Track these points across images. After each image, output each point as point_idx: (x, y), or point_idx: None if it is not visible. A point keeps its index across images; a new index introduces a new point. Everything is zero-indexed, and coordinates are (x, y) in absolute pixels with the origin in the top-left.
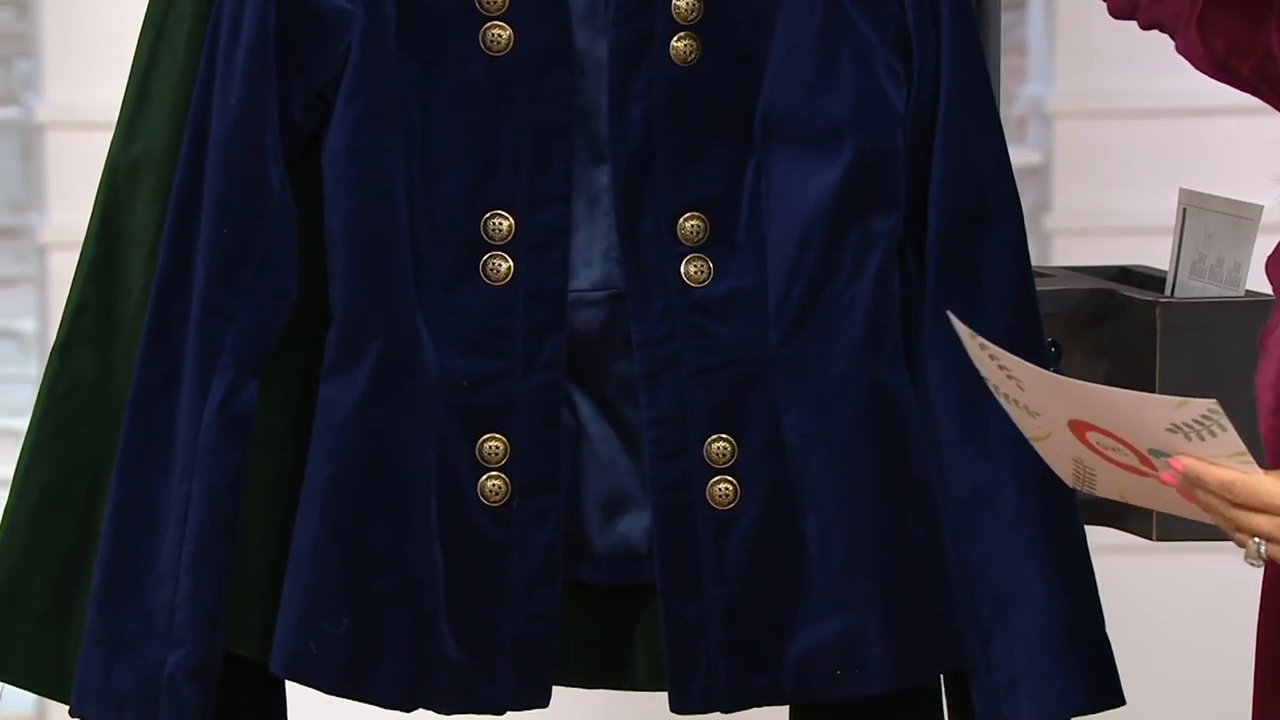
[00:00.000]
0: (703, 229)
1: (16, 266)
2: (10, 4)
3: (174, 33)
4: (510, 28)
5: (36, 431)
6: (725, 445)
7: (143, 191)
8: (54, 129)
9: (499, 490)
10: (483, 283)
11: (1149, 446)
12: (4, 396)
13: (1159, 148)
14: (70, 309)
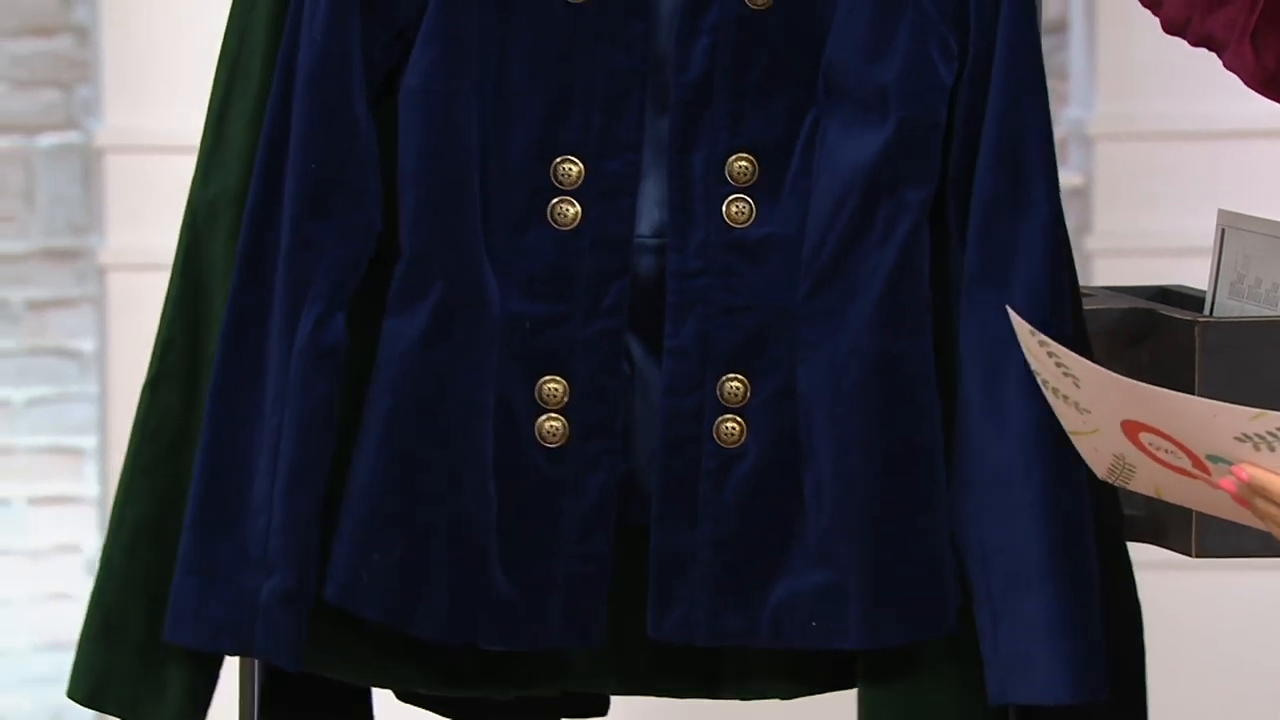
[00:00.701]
0: (751, 171)
1: (77, 287)
2: (71, 31)
3: (248, 72)
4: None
5: (130, 468)
6: (738, 385)
7: (220, 229)
8: (113, 153)
9: (556, 431)
10: (550, 227)
11: (1208, 452)
12: (65, 414)
13: (1198, 170)
14: (159, 346)
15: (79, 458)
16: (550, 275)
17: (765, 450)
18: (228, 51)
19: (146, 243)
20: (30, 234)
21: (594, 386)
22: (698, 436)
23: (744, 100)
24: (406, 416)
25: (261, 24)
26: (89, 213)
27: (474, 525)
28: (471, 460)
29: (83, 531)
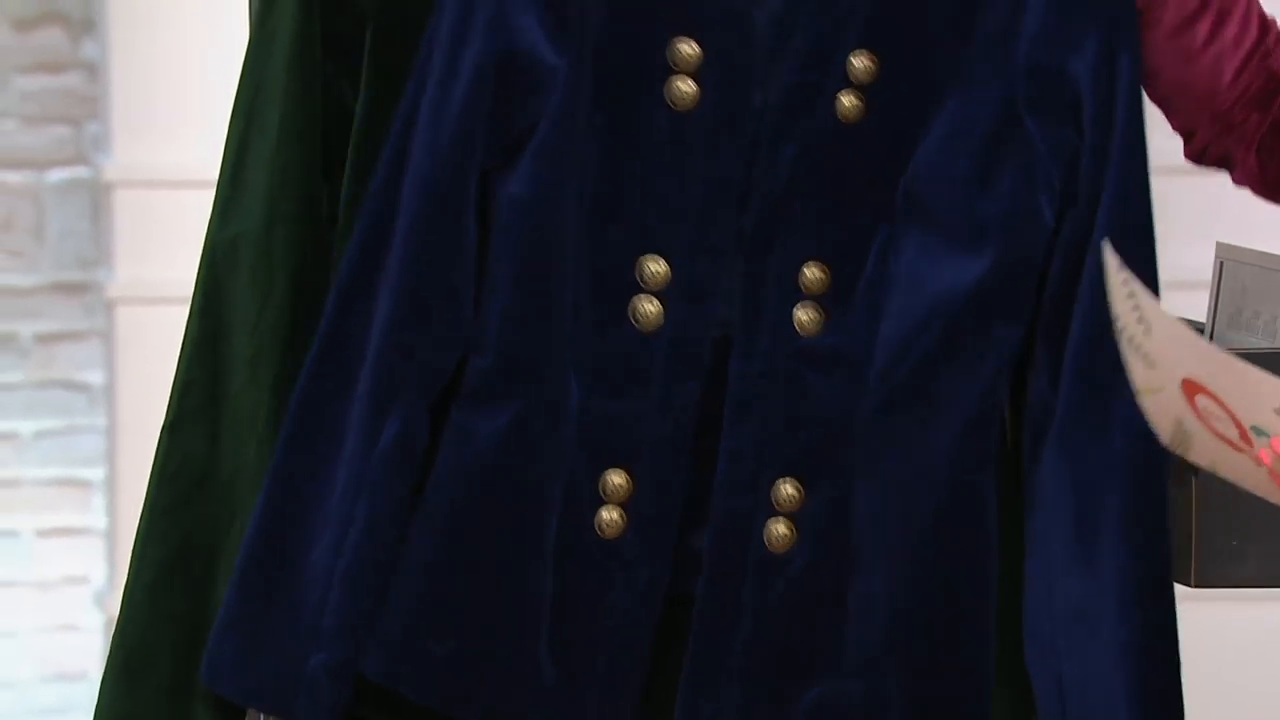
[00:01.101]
0: (824, 280)
1: (85, 320)
2: (80, 67)
3: (265, 115)
4: (697, 84)
5: (150, 509)
6: (794, 491)
7: (242, 270)
8: (122, 187)
9: (614, 524)
10: (631, 325)
11: (1252, 423)
12: (74, 446)
13: (1196, 204)
14: (177, 388)
15: (87, 490)
16: (627, 373)
17: (813, 557)
18: (244, 95)
19: (154, 277)
20: (40, 268)
21: (656, 481)
22: (747, 538)
23: (823, 210)
24: (473, 508)
25: (279, 68)
26: (97, 247)
27: (530, 615)
28: (534, 553)
29: (90, 563)
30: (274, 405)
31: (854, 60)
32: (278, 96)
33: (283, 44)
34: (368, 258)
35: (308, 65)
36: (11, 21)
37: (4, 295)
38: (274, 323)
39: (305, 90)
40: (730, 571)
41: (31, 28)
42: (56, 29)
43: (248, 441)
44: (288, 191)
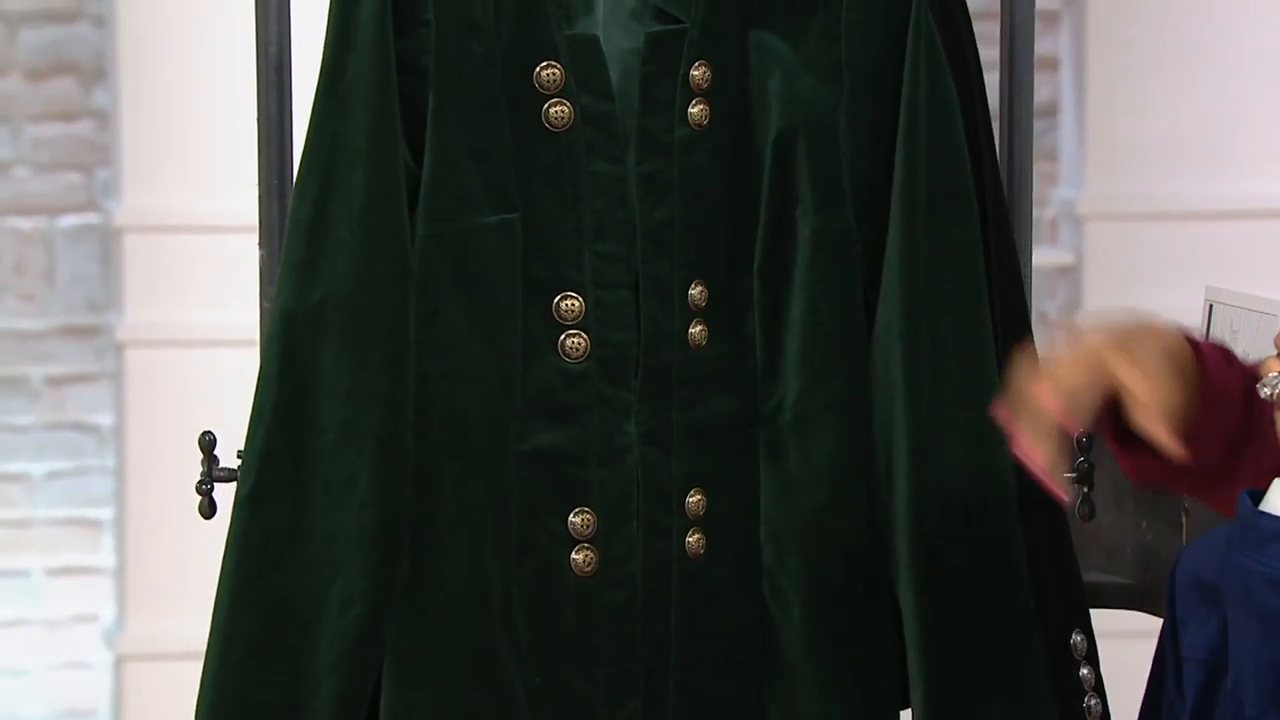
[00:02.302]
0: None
1: (96, 363)
2: (91, 115)
3: (346, 180)
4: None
5: (236, 579)
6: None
7: (330, 333)
8: (131, 233)
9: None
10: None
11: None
12: (83, 487)
13: (1185, 248)
14: (253, 456)
15: (96, 529)
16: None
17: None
18: (317, 161)
19: (163, 320)
20: (50, 312)
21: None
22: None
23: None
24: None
25: (360, 131)
26: (107, 291)
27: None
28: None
29: (100, 602)
30: (372, 467)
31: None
32: (361, 160)
33: (363, 109)
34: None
35: (390, 125)
36: (24, 71)
37: (15, 338)
38: (372, 386)
39: (389, 152)
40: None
41: (44, 77)
42: (68, 78)
43: (346, 506)
44: (380, 253)
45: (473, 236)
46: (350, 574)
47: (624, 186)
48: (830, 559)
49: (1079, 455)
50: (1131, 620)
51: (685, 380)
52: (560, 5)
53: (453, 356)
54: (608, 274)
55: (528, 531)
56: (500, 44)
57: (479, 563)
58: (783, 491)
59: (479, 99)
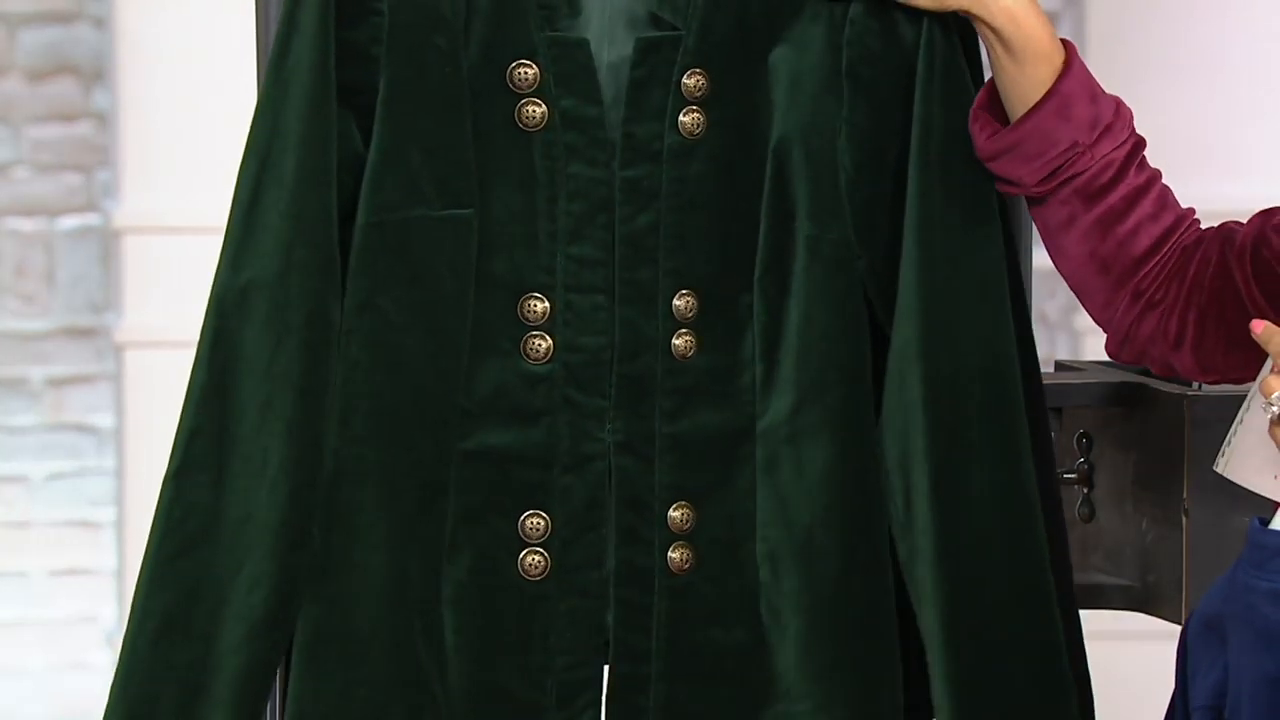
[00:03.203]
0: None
1: (95, 364)
2: (91, 117)
3: (280, 164)
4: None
5: (155, 557)
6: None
7: (254, 315)
8: (131, 234)
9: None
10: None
11: None
12: (83, 488)
13: None
14: (182, 435)
15: (97, 531)
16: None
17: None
18: (257, 141)
19: (163, 321)
20: (51, 313)
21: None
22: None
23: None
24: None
25: (296, 115)
26: (107, 292)
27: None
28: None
29: (100, 603)
30: (285, 451)
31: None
32: (294, 144)
33: (299, 91)
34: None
35: (325, 113)
36: (25, 72)
37: (16, 340)
38: (286, 369)
39: (323, 138)
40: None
41: (44, 78)
42: (68, 79)
43: (257, 488)
44: (304, 238)
45: (416, 228)
46: (258, 556)
47: (606, 191)
48: (825, 577)
49: (1079, 456)
50: (1132, 621)
51: (669, 390)
52: (543, 6)
53: (384, 348)
54: (582, 278)
55: (464, 530)
56: (472, 41)
57: (398, 555)
58: (778, 508)
59: (437, 93)
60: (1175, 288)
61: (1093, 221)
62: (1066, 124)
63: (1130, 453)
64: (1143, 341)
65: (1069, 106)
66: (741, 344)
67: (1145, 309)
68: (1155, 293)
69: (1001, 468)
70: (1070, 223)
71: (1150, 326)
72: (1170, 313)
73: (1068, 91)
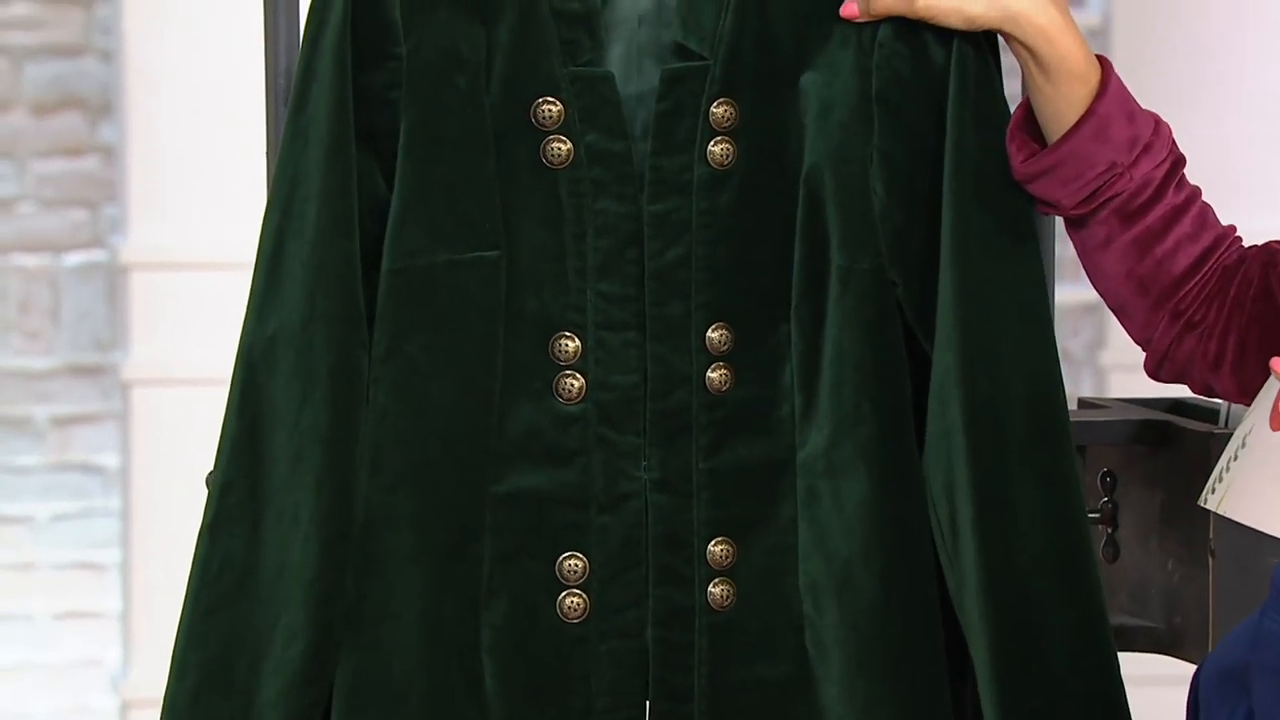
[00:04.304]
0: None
1: (101, 403)
2: (98, 151)
3: (301, 212)
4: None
5: (192, 612)
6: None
7: (280, 366)
8: (138, 269)
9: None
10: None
11: None
12: (88, 530)
13: None
14: (216, 488)
15: (102, 573)
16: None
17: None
18: (279, 190)
19: (170, 358)
20: (56, 350)
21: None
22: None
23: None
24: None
25: (316, 162)
26: (114, 329)
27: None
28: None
29: (106, 646)
30: (315, 504)
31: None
32: (315, 193)
33: (318, 140)
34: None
35: (345, 160)
36: (30, 106)
37: (20, 378)
38: (314, 421)
39: (343, 185)
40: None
41: (50, 112)
42: (75, 113)
43: (290, 541)
44: (327, 288)
45: (441, 272)
46: (294, 609)
47: (634, 226)
48: (864, 610)
49: (1103, 495)
50: (1158, 665)
51: (706, 425)
52: (566, 40)
53: (412, 395)
54: (612, 315)
55: (501, 574)
56: (494, 79)
57: (435, 602)
58: (817, 540)
59: (459, 134)
60: (1215, 309)
61: (1130, 241)
62: (1105, 145)
63: (1155, 492)
64: (1182, 362)
65: (1107, 128)
66: (779, 375)
67: (1184, 329)
68: (1195, 313)
69: (1049, 494)
70: (1108, 242)
71: (1189, 347)
72: (1210, 334)
73: (1105, 113)
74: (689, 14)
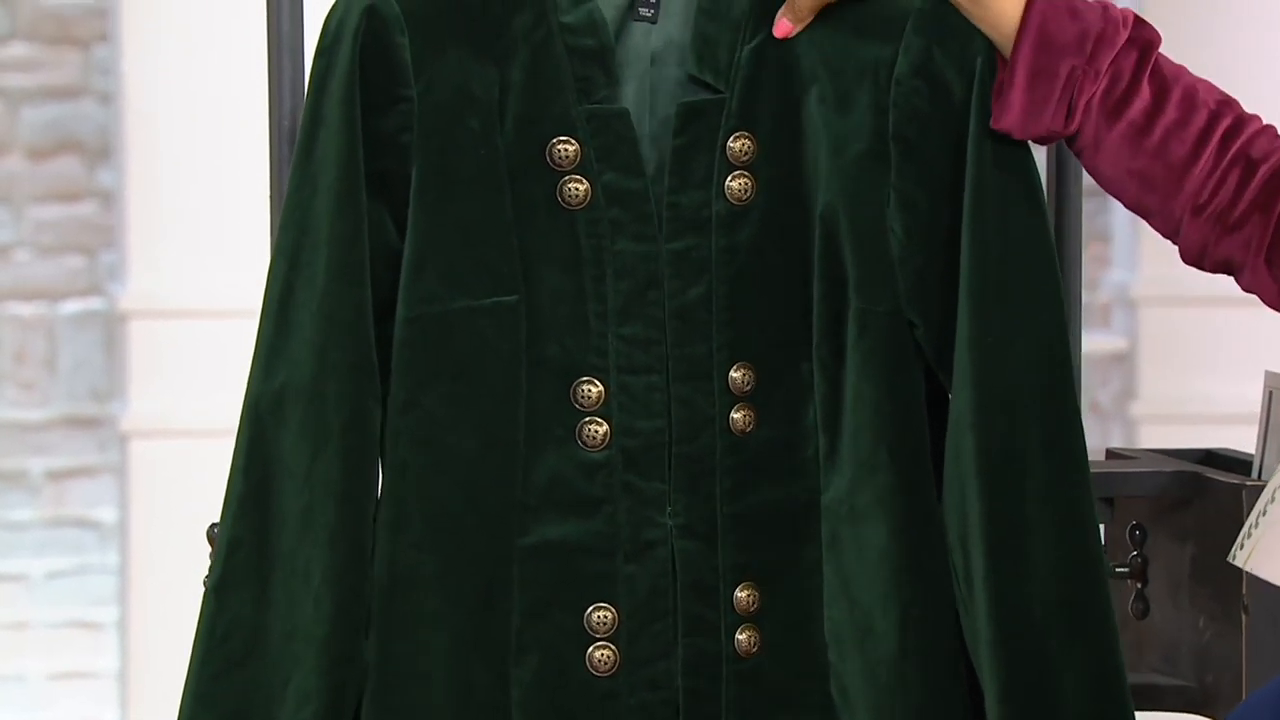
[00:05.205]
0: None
1: (98, 455)
2: (96, 196)
3: (310, 262)
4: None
5: (198, 675)
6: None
7: (290, 421)
8: (137, 318)
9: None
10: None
11: None
12: (84, 587)
13: (1244, 334)
14: (222, 546)
15: (99, 632)
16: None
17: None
18: (286, 239)
19: (170, 409)
20: (51, 401)
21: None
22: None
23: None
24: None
25: (324, 211)
26: (111, 379)
27: None
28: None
29: (103, 707)
30: (328, 561)
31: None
32: (324, 241)
33: (327, 187)
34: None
35: (354, 207)
36: (26, 150)
37: (15, 430)
38: (326, 476)
39: (353, 233)
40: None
41: (47, 156)
42: (72, 157)
43: (302, 601)
44: (338, 340)
45: (458, 319)
46: (305, 671)
47: (654, 266)
48: (883, 660)
49: (1132, 549)
50: None
51: (729, 468)
52: (580, 78)
53: (433, 448)
54: (635, 358)
55: (530, 629)
56: (507, 118)
57: (462, 662)
58: (842, 586)
59: (473, 176)
60: (1259, 220)
61: (1118, 139)
62: (1053, 53)
63: (1186, 546)
64: (1222, 260)
65: (1048, 34)
66: (802, 416)
67: (1222, 232)
68: (1226, 210)
69: (1066, 544)
70: (1097, 145)
71: (1231, 250)
72: (1258, 246)
73: (1041, 19)
74: (704, 47)
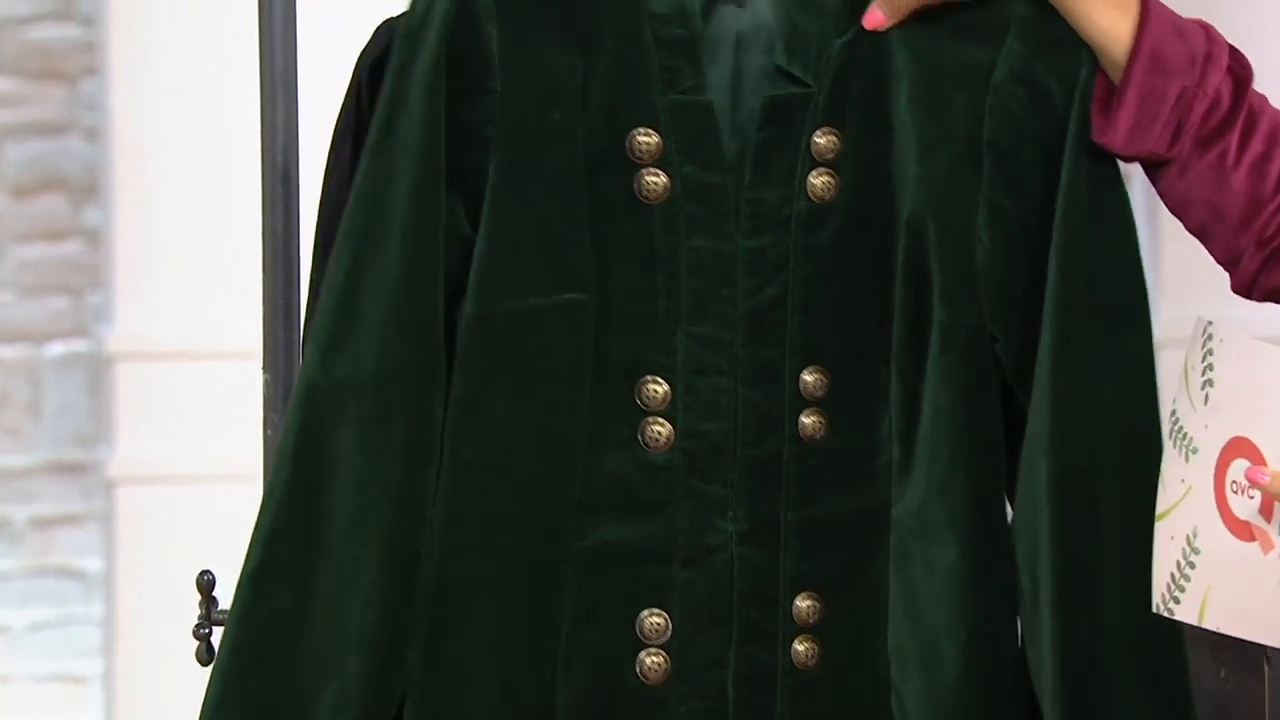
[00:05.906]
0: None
1: (83, 503)
2: (81, 235)
3: (383, 252)
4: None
5: (227, 667)
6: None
7: (349, 417)
8: (124, 360)
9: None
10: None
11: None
12: (68, 639)
13: None
14: (261, 535)
15: (83, 685)
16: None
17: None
18: (356, 224)
19: (159, 455)
20: (36, 447)
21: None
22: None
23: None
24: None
25: (402, 201)
26: (97, 424)
27: None
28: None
29: None
30: (381, 562)
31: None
32: (399, 235)
33: (406, 179)
34: None
35: (434, 200)
36: (9, 188)
37: None
38: (386, 478)
39: (431, 228)
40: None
41: (30, 194)
42: (57, 195)
43: (349, 600)
44: (410, 340)
45: (527, 318)
46: (347, 674)
47: (729, 264)
48: (945, 685)
49: None
50: None
51: (797, 474)
52: (667, 68)
53: (494, 449)
54: (704, 359)
55: (580, 635)
56: (590, 107)
57: (512, 666)
58: (908, 603)
59: (552, 172)
60: None
61: (1206, 168)
62: (1166, 74)
63: None
64: (1270, 290)
65: (1162, 55)
66: (876, 424)
67: (1276, 264)
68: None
69: (1137, 578)
70: (1184, 171)
71: (1277, 280)
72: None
73: (1155, 40)
74: (793, 38)
